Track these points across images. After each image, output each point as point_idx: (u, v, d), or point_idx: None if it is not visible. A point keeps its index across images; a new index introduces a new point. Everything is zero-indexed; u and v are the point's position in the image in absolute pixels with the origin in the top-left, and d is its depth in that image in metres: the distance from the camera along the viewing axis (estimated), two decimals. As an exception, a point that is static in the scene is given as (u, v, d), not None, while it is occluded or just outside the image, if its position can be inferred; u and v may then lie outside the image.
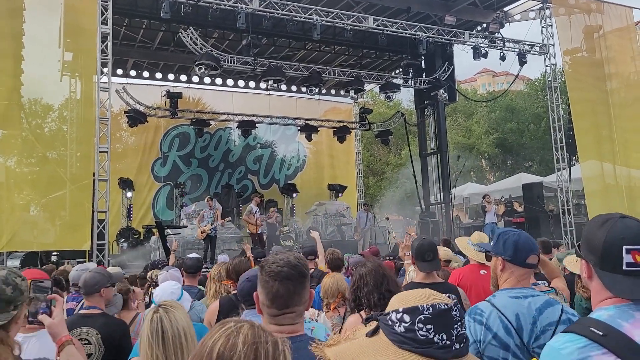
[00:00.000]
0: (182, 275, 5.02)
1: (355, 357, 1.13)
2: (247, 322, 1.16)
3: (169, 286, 3.30)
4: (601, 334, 1.33)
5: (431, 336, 1.05)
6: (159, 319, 1.95)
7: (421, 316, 1.08)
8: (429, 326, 1.06)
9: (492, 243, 2.38)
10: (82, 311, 3.38)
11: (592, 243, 1.44)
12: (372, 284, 2.68)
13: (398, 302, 1.14)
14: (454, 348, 1.04)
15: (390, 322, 1.11)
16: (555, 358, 1.36)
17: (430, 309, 1.08)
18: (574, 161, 15.93)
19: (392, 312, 1.12)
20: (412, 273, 3.75)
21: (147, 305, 4.25)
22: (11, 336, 1.78)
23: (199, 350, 1.11)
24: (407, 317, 1.10)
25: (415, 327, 1.07)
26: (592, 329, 1.35)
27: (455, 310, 1.08)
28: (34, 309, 1.89)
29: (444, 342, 1.05)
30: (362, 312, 2.69)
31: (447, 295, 1.13)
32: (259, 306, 1.74)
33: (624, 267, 1.37)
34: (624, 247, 1.37)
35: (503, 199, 15.50)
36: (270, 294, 1.69)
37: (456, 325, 1.06)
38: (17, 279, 1.84)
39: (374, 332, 1.14)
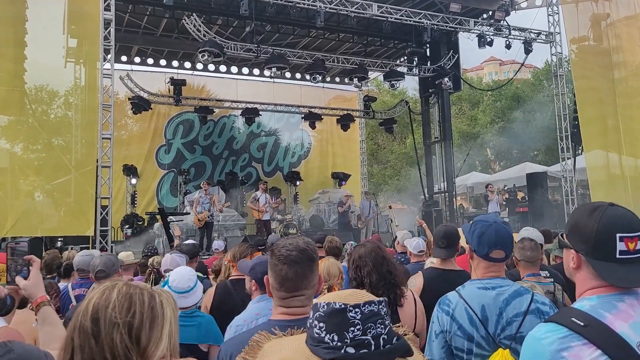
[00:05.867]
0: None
1: (278, 346, 1.15)
2: (123, 281, 1.19)
3: (186, 272, 3.09)
4: (582, 324, 1.32)
5: (322, 335, 1.04)
6: None
7: (317, 313, 1.07)
8: (321, 324, 1.05)
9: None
10: None
11: (583, 232, 1.42)
12: (371, 264, 2.70)
13: (325, 297, 1.12)
14: (343, 351, 1.01)
15: None
16: (536, 347, 1.36)
17: (325, 307, 1.06)
18: (579, 151, 15.82)
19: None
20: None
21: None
22: None
23: (77, 309, 1.13)
24: (310, 314, 1.10)
25: (313, 324, 1.08)
26: (573, 319, 1.34)
27: (355, 312, 1.03)
28: (13, 272, 1.86)
29: (334, 342, 1.02)
30: None
31: (379, 299, 1.08)
32: (269, 289, 1.77)
33: (617, 255, 1.36)
34: (617, 235, 1.36)
35: (506, 187, 15.44)
36: (279, 277, 1.71)
37: (352, 328, 1.02)
38: None
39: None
